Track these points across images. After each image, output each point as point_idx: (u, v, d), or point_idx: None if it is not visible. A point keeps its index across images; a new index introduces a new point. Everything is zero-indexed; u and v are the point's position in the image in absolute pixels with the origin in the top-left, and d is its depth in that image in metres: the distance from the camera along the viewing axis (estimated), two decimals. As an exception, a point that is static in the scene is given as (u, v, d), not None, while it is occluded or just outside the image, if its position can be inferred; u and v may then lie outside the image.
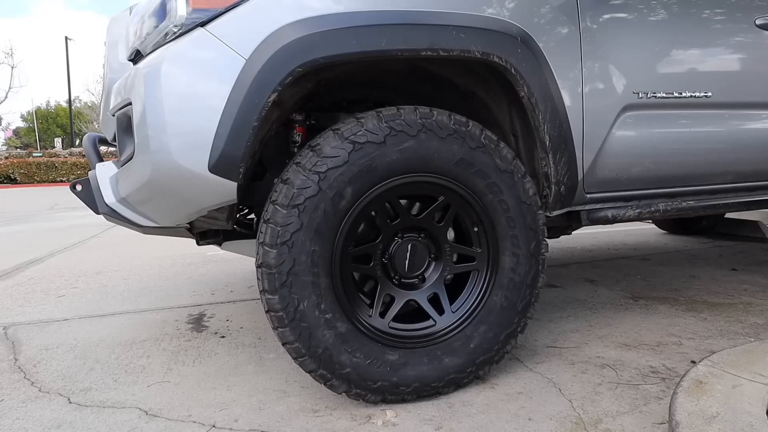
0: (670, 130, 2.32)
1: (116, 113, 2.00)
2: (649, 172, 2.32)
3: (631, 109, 2.19)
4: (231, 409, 1.92)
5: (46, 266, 4.71)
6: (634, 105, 2.19)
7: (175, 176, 1.71)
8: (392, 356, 1.88)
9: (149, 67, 1.73)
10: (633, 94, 2.18)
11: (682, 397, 1.64)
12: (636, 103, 2.19)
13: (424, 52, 1.81)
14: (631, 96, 2.18)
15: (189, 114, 1.67)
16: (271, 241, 1.71)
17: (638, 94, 2.19)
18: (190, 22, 1.72)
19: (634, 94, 2.19)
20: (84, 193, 2.11)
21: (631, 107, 2.19)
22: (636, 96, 2.19)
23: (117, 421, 1.86)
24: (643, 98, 2.20)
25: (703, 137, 2.41)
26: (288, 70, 1.67)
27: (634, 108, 2.20)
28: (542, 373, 2.15)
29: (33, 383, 2.18)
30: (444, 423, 1.79)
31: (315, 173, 1.72)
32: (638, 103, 2.20)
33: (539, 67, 1.97)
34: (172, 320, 2.99)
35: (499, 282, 2.00)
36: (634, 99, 2.19)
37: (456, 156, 1.86)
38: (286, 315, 1.73)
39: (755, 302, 3.03)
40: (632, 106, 2.19)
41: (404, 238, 1.96)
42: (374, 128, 1.77)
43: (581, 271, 3.97)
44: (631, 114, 2.20)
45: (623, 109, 2.18)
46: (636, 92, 2.19)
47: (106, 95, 2.67)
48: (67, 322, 3.01)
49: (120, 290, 3.74)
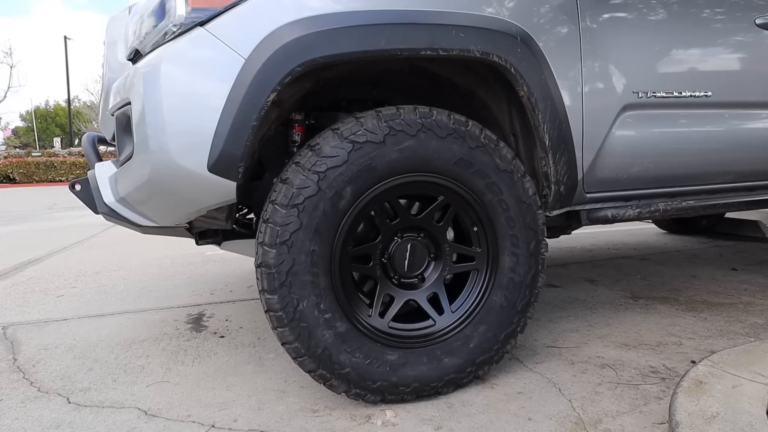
0: (669, 130, 2.32)
1: (115, 113, 1.99)
2: (649, 171, 2.31)
3: (630, 108, 2.19)
4: (230, 409, 1.92)
5: (45, 266, 4.71)
6: (633, 105, 2.19)
7: (175, 176, 1.71)
8: (392, 356, 1.87)
9: (148, 67, 1.73)
10: (633, 94, 2.18)
11: (682, 397, 1.63)
12: (636, 102, 2.19)
13: (423, 52, 1.81)
14: (631, 95, 2.18)
15: (188, 113, 1.67)
16: (270, 240, 1.71)
17: (638, 94, 2.19)
18: (190, 22, 1.71)
19: (634, 94, 2.18)
20: (83, 193, 2.11)
21: (631, 107, 2.19)
22: (636, 96, 2.18)
23: (116, 421, 1.85)
24: (642, 98, 2.20)
25: (703, 137, 2.40)
26: (287, 69, 1.67)
27: (634, 108, 2.20)
28: (542, 373, 2.15)
29: (32, 383, 2.18)
30: (443, 423, 1.79)
31: (314, 173, 1.71)
32: (638, 103, 2.20)
33: (539, 66, 1.96)
34: (172, 320, 2.99)
35: (499, 282, 1.99)
36: (634, 98, 2.18)
37: (455, 156, 1.86)
38: (286, 315, 1.73)
39: (755, 302, 3.03)
40: (632, 106, 2.19)
41: (404, 237, 1.95)
42: (374, 128, 1.77)
43: (581, 270, 3.97)
44: (630, 114, 2.20)
45: (623, 108, 2.17)
46: (636, 92, 2.18)
47: (105, 95, 2.66)
48: (66, 321, 3.01)
49: (119, 290, 3.73)
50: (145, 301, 3.40)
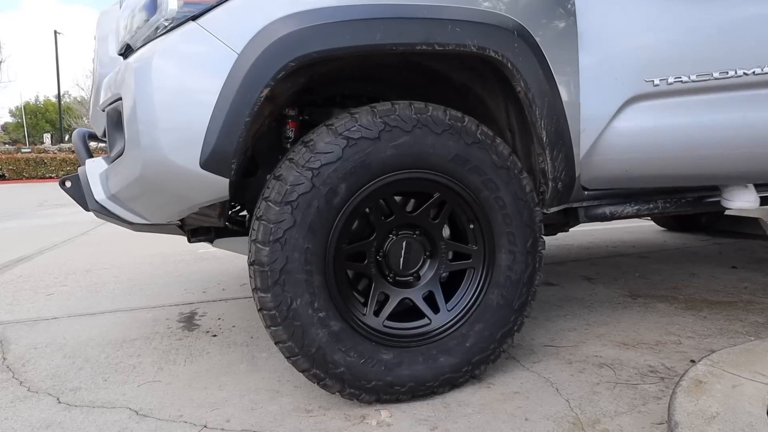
0: (671, 123, 2.21)
1: (106, 108, 1.98)
2: (649, 167, 2.27)
3: (630, 103, 2.13)
4: (223, 409, 1.90)
5: (34, 264, 4.68)
6: (633, 98, 2.12)
7: (166, 172, 1.70)
8: (387, 355, 1.86)
9: (140, 62, 1.71)
10: (632, 88, 2.11)
11: (682, 397, 1.62)
12: (636, 95, 2.12)
13: (419, 47, 1.79)
14: (631, 90, 2.11)
15: (180, 109, 1.66)
16: (263, 238, 1.69)
17: (638, 87, 2.11)
18: (182, 16, 1.70)
19: (634, 88, 2.12)
20: (73, 190, 2.09)
21: (630, 101, 2.13)
22: (635, 89, 2.11)
23: (107, 421, 1.83)
24: (642, 91, 2.12)
25: (708, 131, 2.28)
26: (281, 64, 1.65)
27: (634, 101, 2.13)
28: (539, 372, 2.13)
29: (21, 383, 2.15)
30: (439, 423, 1.77)
31: (308, 169, 1.70)
32: (638, 95, 2.12)
33: (536, 61, 1.94)
34: (163, 319, 2.96)
35: (496, 280, 1.98)
36: (634, 92, 2.12)
37: (452, 152, 1.84)
38: (279, 313, 1.71)
39: (756, 300, 3.01)
40: (631, 100, 2.13)
41: (399, 235, 1.94)
42: (368, 124, 1.75)
43: (579, 268, 3.95)
44: (629, 109, 2.13)
45: (622, 104, 2.13)
46: (636, 84, 2.11)
47: (96, 90, 2.65)
48: (57, 320, 2.98)
49: (110, 288, 3.71)
50: (136, 300, 3.38)
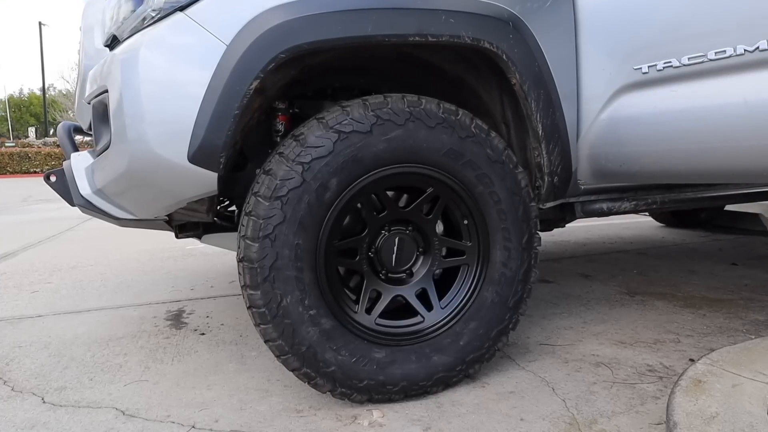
0: (663, 113, 2.12)
1: (92, 101, 1.95)
2: (646, 162, 2.23)
3: (620, 93, 2.03)
4: (211, 408, 1.87)
5: (18, 260, 4.65)
6: (623, 88, 2.03)
7: (153, 166, 1.68)
8: (379, 354, 1.83)
9: (126, 53, 1.69)
10: (621, 78, 2.01)
11: (680, 397, 1.60)
12: (625, 85, 2.03)
13: (412, 38, 1.76)
14: (620, 79, 2.01)
15: (167, 102, 1.63)
16: (252, 234, 1.66)
17: (627, 76, 2.00)
18: (169, 7, 1.67)
19: (623, 77, 2.01)
20: (58, 185, 2.06)
21: (620, 92, 2.02)
22: (624, 78, 2.01)
23: (93, 421, 1.80)
24: (631, 80, 2.01)
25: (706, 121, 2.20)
26: (270, 56, 1.63)
27: (624, 91, 2.03)
28: (535, 371, 2.10)
29: (5, 382, 2.12)
30: (433, 423, 1.74)
31: (298, 164, 1.67)
32: (628, 85, 2.04)
33: (531, 53, 1.90)
34: (150, 317, 2.93)
35: (490, 277, 1.95)
36: (623, 82, 2.02)
37: (445, 146, 1.81)
38: (269, 311, 1.68)
39: (756, 298, 2.98)
40: (621, 90, 2.02)
41: (391, 231, 1.91)
42: (360, 117, 1.72)
43: (575, 265, 3.93)
44: (620, 99, 2.04)
45: (612, 95, 2.05)
46: (624, 73, 1.97)
47: (82, 83, 2.64)
48: (41, 318, 2.95)
49: (96, 285, 3.67)
50: (122, 297, 3.34)
